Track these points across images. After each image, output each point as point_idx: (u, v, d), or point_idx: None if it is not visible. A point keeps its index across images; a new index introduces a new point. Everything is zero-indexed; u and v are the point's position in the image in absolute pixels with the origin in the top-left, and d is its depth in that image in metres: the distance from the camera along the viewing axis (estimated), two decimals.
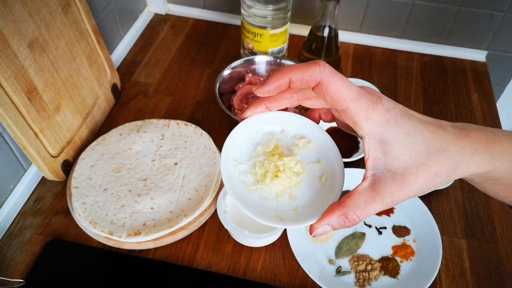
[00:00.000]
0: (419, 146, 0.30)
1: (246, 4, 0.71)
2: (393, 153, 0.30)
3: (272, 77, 0.31)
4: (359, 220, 0.30)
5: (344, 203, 0.30)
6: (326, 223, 0.31)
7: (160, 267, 0.55)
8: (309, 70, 0.30)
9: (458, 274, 0.56)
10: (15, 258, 0.56)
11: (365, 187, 0.30)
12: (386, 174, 0.30)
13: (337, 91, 0.29)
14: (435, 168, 0.30)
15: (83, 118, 0.67)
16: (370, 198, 0.30)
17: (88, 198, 0.58)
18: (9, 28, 0.50)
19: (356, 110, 0.29)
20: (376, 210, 0.30)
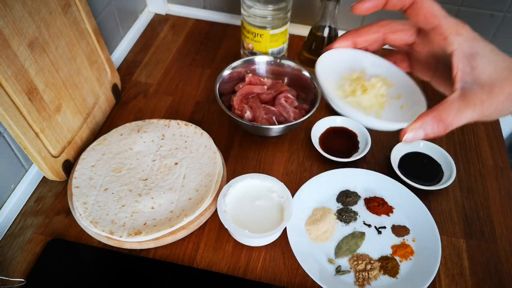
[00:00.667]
0: (502, 63, 0.33)
1: (246, 4, 0.71)
2: (481, 67, 0.32)
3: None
4: (451, 126, 0.32)
5: (436, 109, 0.32)
6: (419, 126, 0.32)
7: (160, 266, 0.55)
8: None
9: (457, 273, 0.56)
10: (16, 257, 0.56)
11: (455, 97, 0.33)
12: (475, 86, 0.32)
13: (430, 9, 0.33)
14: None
15: (84, 118, 0.67)
16: (462, 105, 0.32)
17: (88, 198, 0.59)
18: (9, 28, 0.50)
19: (447, 25, 0.33)
20: (467, 117, 0.32)
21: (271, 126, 0.66)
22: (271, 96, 0.71)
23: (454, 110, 0.32)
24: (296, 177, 0.66)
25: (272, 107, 0.69)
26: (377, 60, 0.40)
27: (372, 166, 0.67)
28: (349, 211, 0.61)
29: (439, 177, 0.65)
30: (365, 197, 0.63)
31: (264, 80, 0.73)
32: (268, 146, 0.70)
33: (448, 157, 0.66)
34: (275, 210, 0.57)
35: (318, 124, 0.70)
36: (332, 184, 0.64)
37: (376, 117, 0.37)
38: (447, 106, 0.32)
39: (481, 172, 0.68)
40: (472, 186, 0.66)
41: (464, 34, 0.33)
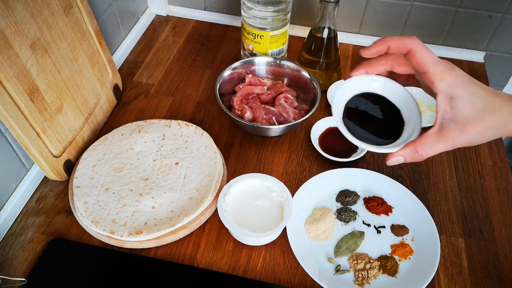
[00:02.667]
0: (479, 104, 0.39)
1: (246, 6, 0.71)
2: (458, 107, 0.40)
3: (375, 44, 0.42)
4: (426, 155, 0.41)
5: (416, 141, 0.42)
6: (400, 154, 0.42)
7: (161, 266, 0.56)
8: (404, 40, 0.41)
9: (456, 273, 0.56)
10: (17, 257, 0.56)
11: (433, 131, 0.41)
12: (451, 123, 0.40)
13: (422, 57, 0.40)
14: (489, 122, 0.39)
15: (85, 118, 0.67)
16: (436, 139, 0.41)
17: (90, 197, 0.59)
18: (11, 29, 0.51)
19: (434, 72, 0.40)
20: (440, 149, 0.41)
21: (271, 126, 0.66)
22: (271, 96, 0.72)
23: (429, 143, 0.41)
24: (295, 177, 0.66)
25: (272, 108, 0.69)
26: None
27: (371, 166, 0.67)
28: (349, 210, 0.61)
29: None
30: (364, 197, 0.63)
31: (264, 80, 0.73)
32: (268, 146, 0.71)
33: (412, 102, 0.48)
34: (275, 210, 0.57)
35: (318, 124, 0.71)
36: (332, 184, 0.64)
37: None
38: (425, 140, 0.41)
39: (480, 171, 0.68)
40: (471, 186, 0.66)
41: (448, 80, 0.40)
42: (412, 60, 0.41)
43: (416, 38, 0.41)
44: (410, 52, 0.41)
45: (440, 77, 0.40)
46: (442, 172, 0.68)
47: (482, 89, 0.40)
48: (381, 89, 0.47)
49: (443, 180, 0.67)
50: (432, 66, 0.40)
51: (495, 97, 0.40)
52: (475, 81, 0.41)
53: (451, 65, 0.41)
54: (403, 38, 0.41)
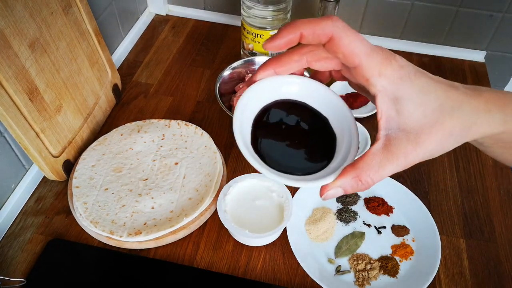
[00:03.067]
0: (433, 104, 0.29)
1: (246, 5, 0.71)
2: (407, 111, 0.29)
3: (282, 31, 0.29)
4: (372, 183, 0.30)
5: (357, 165, 0.29)
6: (338, 185, 0.30)
7: (160, 266, 0.55)
8: (321, 24, 0.28)
9: (457, 273, 0.56)
10: (16, 257, 0.56)
11: (378, 148, 0.29)
12: (400, 134, 0.29)
13: (349, 46, 0.28)
14: (449, 127, 0.29)
15: (84, 118, 0.67)
16: (384, 159, 0.29)
17: (89, 197, 0.59)
18: (10, 28, 0.50)
19: (369, 66, 0.28)
20: (390, 172, 0.29)
21: None
22: None
23: (375, 166, 0.29)
24: None
25: None
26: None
27: None
28: (349, 211, 0.61)
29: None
30: (365, 197, 0.63)
31: None
32: None
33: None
34: (275, 210, 0.57)
35: None
36: None
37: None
38: (369, 162, 0.29)
39: (481, 171, 0.68)
40: (472, 186, 0.66)
41: (389, 74, 0.28)
42: (335, 51, 0.29)
43: (338, 19, 0.28)
44: (332, 39, 0.28)
45: (378, 71, 0.28)
46: (443, 172, 0.67)
47: (433, 82, 0.29)
48: (299, 94, 0.35)
49: (443, 180, 0.66)
50: (365, 57, 0.28)
51: (451, 91, 0.29)
52: (422, 71, 0.30)
53: (389, 52, 0.29)
54: (320, 21, 0.28)
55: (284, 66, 0.33)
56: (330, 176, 0.31)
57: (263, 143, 0.33)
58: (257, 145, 0.33)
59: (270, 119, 0.34)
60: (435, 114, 0.29)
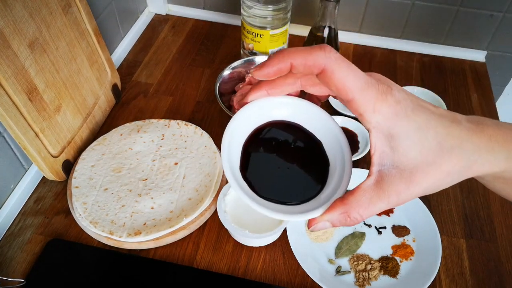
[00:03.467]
0: (431, 142, 0.27)
1: (246, 5, 0.71)
2: (402, 148, 0.27)
3: (272, 59, 0.28)
4: (361, 219, 0.29)
5: (346, 201, 0.29)
6: (326, 219, 0.29)
7: (160, 267, 0.55)
8: (313, 55, 0.27)
9: (458, 273, 0.56)
10: (15, 258, 0.56)
11: (369, 184, 0.28)
12: (393, 171, 0.28)
13: (342, 80, 0.27)
14: (447, 167, 0.27)
15: (84, 118, 0.67)
16: (374, 196, 0.28)
17: (88, 198, 0.59)
18: (9, 28, 0.50)
19: (363, 101, 0.27)
20: (380, 209, 0.28)
21: None
22: None
23: (366, 203, 0.28)
24: None
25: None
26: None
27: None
28: None
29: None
30: None
31: None
32: None
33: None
34: None
35: None
36: None
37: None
38: (359, 198, 0.28)
39: None
40: (472, 186, 0.66)
41: (384, 111, 0.27)
42: (328, 83, 0.28)
43: (331, 50, 0.27)
44: (324, 72, 0.27)
45: (373, 107, 0.27)
46: None
47: (433, 117, 0.28)
48: (292, 115, 0.33)
49: None
50: (359, 92, 0.27)
51: (452, 126, 0.28)
52: (422, 104, 0.28)
53: (386, 85, 0.28)
54: (312, 52, 0.27)
55: (277, 88, 0.32)
56: (318, 210, 0.30)
57: (252, 168, 0.32)
58: (246, 171, 0.32)
59: (261, 143, 0.33)
60: (432, 153, 0.27)
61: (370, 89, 0.27)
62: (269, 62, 0.29)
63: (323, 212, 0.29)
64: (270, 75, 0.29)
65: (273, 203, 0.31)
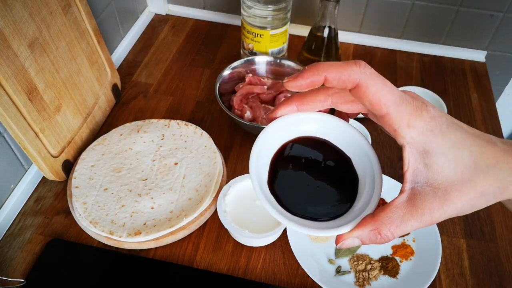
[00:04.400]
0: (466, 161, 0.27)
1: (246, 5, 0.71)
2: (437, 165, 0.27)
3: (306, 71, 0.28)
4: (392, 238, 0.28)
5: (377, 217, 0.28)
6: (355, 235, 0.29)
7: (160, 267, 0.55)
8: (348, 70, 0.27)
9: (458, 273, 0.56)
10: (15, 257, 0.56)
11: (402, 201, 0.28)
12: (427, 188, 0.27)
13: (377, 95, 0.27)
14: (482, 187, 0.27)
15: (84, 118, 0.67)
16: (407, 213, 0.27)
17: (88, 198, 0.59)
18: (9, 28, 0.50)
19: (397, 116, 0.27)
20: (412, 228, 0.28)
21: None
22: (271, 96, 0.71)
23: (397, 221, 0.28)
24: None
25: (272, 107, 0.69)
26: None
27: None
28: None
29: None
30: None
31: (264, 80, 0.73)
32: None
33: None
34: None
35: None
36: None
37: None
38: (390, 215, 0.28)
39: None
40: None
41: (418, 126, 0.27)
42: (362, 98, 0.27)
43: (366, 65, 0.27)
44: (359, 87, 0.27)
45: (407, 122, 0.27)
46: None
47: (468, 136, 0.27)
48: (321, 131, 0.33)
49: None
50: (394, 107, 0.27)
51: (487, 146, 0.27)
52: (457, 123, 0.28)
53: (420, 101, 0.28)
54: (346, 66, 0.27)
55: (307, 105, 0.32)
56: (347, 225, 0.29)
57: (281, 184, 0.32)
58: (274, 185, 0.31)
59: (289, 158, 0.33)
60: (467, 172, 0.27)
61: (404, 104, 0.27)
62: (302, 74, 0.28)
63: (353, 228, 0.29)
64: (302, 87, 0.29)
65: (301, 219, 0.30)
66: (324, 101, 0.32)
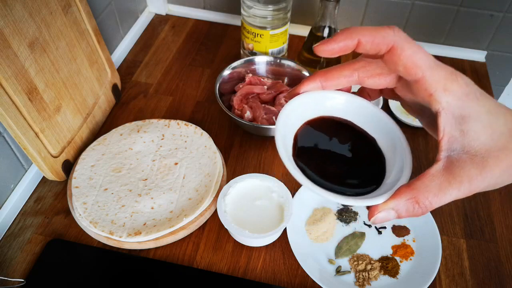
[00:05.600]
0: (501, 128, 0.26)
1: (246, 5, 0.71)
2: (473, 132, 0.26)
3: (339, 35, 0.27)
4: (430, 208, 0.27)
5: (414, 186, 0.27)
6: (391, 207, 0.27)
7: (160, 267, 0.55)
8: (382, 33, 0.26)
9: (458, 273, 0.56)
10: (15, 258, 0.56)
11: (438, 169, 0.27)
12: (464, 156, 0.26)
13: (412, 58, 0.26)
14: None
15: (84, 118, 0.67)
16: (445, 182, 0.27)
17: (88, 198, 0.59)
18: (9, 28, 0.50)
19: (433, 80, 0.26)
20: (451, 197, 0.27)
21: (271, 126, 0.66)
22: (271, 96, 0.71)
23: (435, 189, 0.27)
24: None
25: (272, 107, 0.69)
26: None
27: None
28: (349, 211, 0.61)
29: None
30: None
31: (264, 80, 0.73)
32: (268, 146, 0.70)
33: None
34: (275, 210, 0.57)
35: None
36: None
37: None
38: (427, 184, 0.27)
39: None
40: None
41: (455, 90, 0.26)
42: (396, 62, 0.27)
43: (400, 30, 0.27)
44: (393, 50, 0.26)
45: (443, 85, 0.26)
46: None
47: (499, 105, 0.27)
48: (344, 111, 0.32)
49: None
50: (429, 70, 0.26)
51: None
52: (486, 94, 0.28)
53: (453, 69, 0.27)
54: (381, 30, 0.26)
55: (332, 80, 0.31)
56: (381, 197, 0.27)
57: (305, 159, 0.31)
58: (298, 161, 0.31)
59: (313, 136, 0.32)
60: (504, 139, 0.26)
61: (439, 68, 0.27)
62: (335, 38, 0.27)
63: (387, 199, 0.27)
64: (335, 51, 0.28)
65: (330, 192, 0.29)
66: (350, 76, 0.31)
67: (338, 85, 0.31)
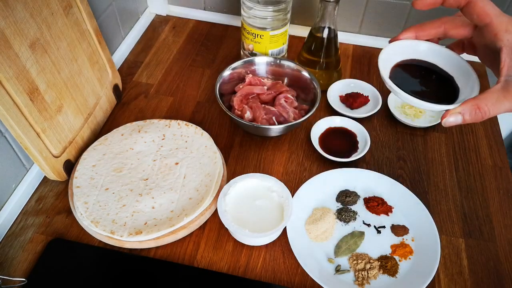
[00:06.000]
0: None
1: (246, 6, 0.71)
2: None
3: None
4: (488, 114, 0.37)
5: (477, 97, 0.38)
6: (458, 111, 0.38)
7: (161, 266, 0.56)
8: None
9: (457, 273, 0.56)
10: (17, 257, 0.56)
11: (497, 88, 0.37)
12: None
13: (483, 8, 0.38)
14: None
15: (85, 118, 0.67)
16: (501, 96, 0.37)
17: (89, 197, 0.59)
18: (11, 29, 0.50)
19: (498, 23, 0.38)
20: (505, 108, 0.37)
21: (271, 126, 0.66)
22: (271, 96, 0.72)
23: (493, 100, 0.37)
24: (296, 177, 0.66)
25: (272, 108, 0.69)
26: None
27: (371, 166, 0.67)
28: (349, 210, 0.61)
29: None
30: (364, 197, 0.63)
31: (264, 80, 0.73)
32: (268, 146, 0.70)
33: None
34: (275, 210, 0.57)
35: (318, 124, 0.71)
36: (332, 184, 0.64)
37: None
38: (487, 96, 0.37)
39: (480, 171, 0.68)
40: (471, 186, 0.66)
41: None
42: (471, 13, 0.39)
43: None
44: (470, 2, 0.39)
45: (506, 27, 0.38)
46: (442, 172, 0.68)
47: None
48: (430, 56, 0.46)
49: (443, 180, 0.67)
50: (496, 17, 0.38)
51: None
52: None
53: None
54: None
55: (425, 30, 0.44)
56: (453, 104, 0.39)
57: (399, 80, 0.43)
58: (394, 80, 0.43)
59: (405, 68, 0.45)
60: None
61: (503, 16, 0.38)
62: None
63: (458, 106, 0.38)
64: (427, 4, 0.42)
65: None
66: (439, 27, 0.44)
67: (429, 35, 0.44)
